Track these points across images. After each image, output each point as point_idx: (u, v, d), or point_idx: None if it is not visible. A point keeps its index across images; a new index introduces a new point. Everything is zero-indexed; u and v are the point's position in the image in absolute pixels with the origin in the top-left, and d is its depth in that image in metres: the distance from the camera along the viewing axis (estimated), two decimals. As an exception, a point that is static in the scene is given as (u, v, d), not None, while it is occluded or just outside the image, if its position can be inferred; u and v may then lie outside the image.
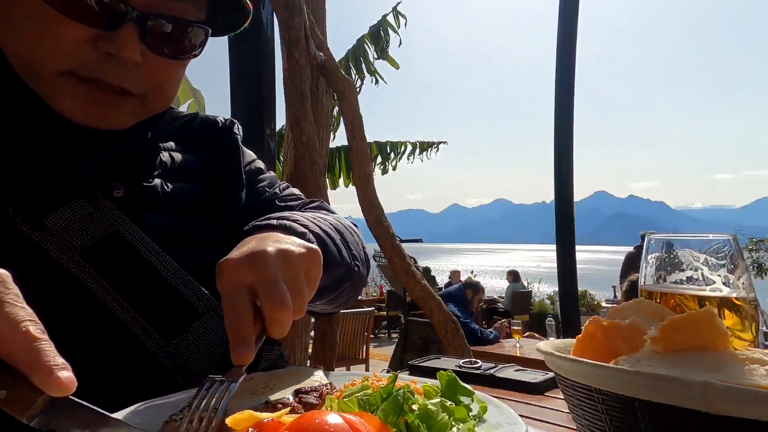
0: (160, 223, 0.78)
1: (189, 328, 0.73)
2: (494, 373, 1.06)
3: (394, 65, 5.91)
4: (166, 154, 0.86)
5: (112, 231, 0.71)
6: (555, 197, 3.86)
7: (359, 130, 3.60)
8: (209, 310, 0.75)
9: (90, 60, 0.66)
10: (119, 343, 0.69)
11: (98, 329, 0.69)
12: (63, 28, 0.64)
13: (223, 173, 0.91)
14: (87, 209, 0.70)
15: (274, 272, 0.55)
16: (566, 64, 3.74)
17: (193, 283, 0.75)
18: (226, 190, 0.90)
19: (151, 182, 0.80)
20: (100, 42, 0.66)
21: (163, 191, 0.81)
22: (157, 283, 0.73)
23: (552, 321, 6.07)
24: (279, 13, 3.31)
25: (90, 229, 0.70)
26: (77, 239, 0.69)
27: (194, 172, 0.88)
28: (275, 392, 0.50)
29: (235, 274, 0.56)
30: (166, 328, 0.71)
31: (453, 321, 3.51)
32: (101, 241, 0.70)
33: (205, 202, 0.86)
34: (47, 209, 0.68)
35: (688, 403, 0.42)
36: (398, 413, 0.42)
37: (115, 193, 0.74)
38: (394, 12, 5.68)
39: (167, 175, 0.84)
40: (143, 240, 0.73)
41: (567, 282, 3.85)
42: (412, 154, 7.53)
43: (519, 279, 11.02)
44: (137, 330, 0.70)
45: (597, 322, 0.58)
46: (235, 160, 0.94)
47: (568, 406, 0.57)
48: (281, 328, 0.53)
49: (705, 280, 0.63)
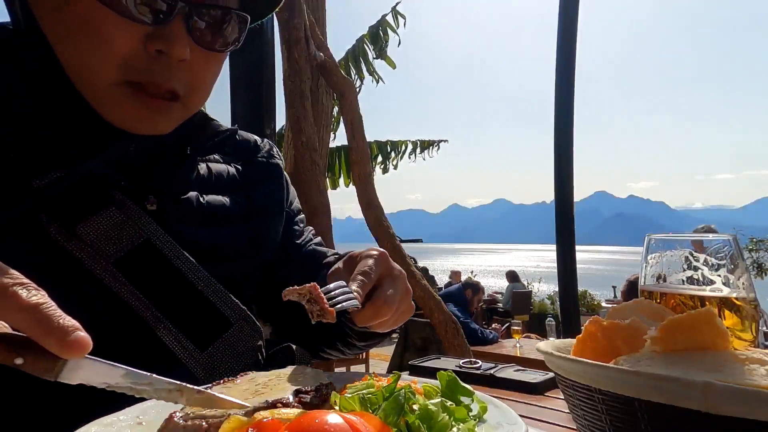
0: (192, 235, 0.78)
1: (221, 337, 0.73)
2: (494, 373, 1.06)
3: (391, 65, 5.91)
4: (203, 165, 0.85)
5: (144, 240, 0.70)
6: (555, 197, 3.86)
7: (359, 130, 3.60)
8: (240, 319, 0.75)
9: (140, 62, 0.66)
10: (152, 353, 0.69)
11: (131, 339, 0.69)
12: (115, 29, 0.64)
13: (262, 193, 0.91)
14: (118, 217, 0.69)
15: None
16: (566, 64, 3.74)
17: (224, 292, 0.75)
18: (263, 209, 0.91)
19: (185, 194, 0.80)
20: (151, 41, 0.66)
21: (198, 203, 0.81)
22: (188, 292, 0.72)
23: (552, 321, 6.06)
24: (279, 13, 3.30)
25: (122, 237, 0.69)
26: (110, 248, 0.68)
27: (231, 184, 0.88)
28: (275, 392, 0.50)
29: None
30: (199, 338, 0.71)
31: (453, 321, 3.51)
32: (133, 250, 0.69)
33: (238, 213, 0.86)
34: (79, 218, 0.67)
35: (688, 403, 0.42)
36: (399, 413, 0.42)
37: (149, 206, 0.74)
38: (394, 12, 5.68)
39: (203, 186, 0.83)
40: (174, 248, 0.72)
41: (567, 282, 3.85)
42: (413, 153, 7.53)
43: (518, 279, 11.01)
44: (170, 340, 0.69)
45: (597, 322, 0.58)
46: (278, 186, 0.95)
47: (568, 406, 0.57)
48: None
49: (705, 280, 0.63)
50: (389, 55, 5.78)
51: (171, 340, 0.69)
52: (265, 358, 0.77)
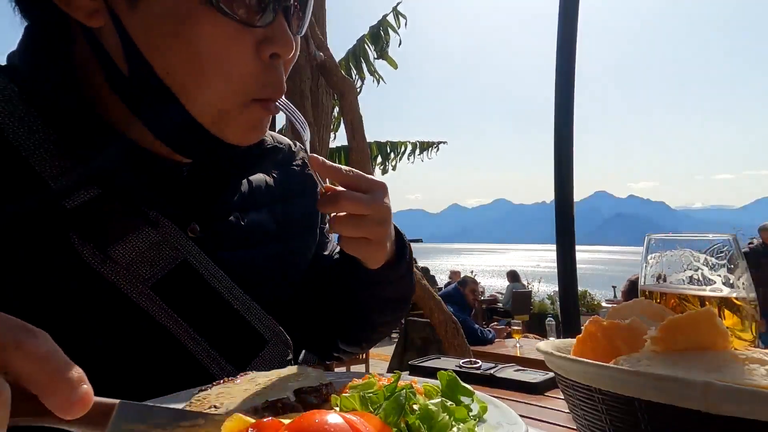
0: (231, 258, 0.75)
1: (258, 356, 0.72)
2: (494, 373, 1.06)
3: (392, 65, 5.91)
4: (243, 181, 0.82)
5: (181, 261, 0.68)
6: (555, 197, 3.86)
7: (359, 130, 3.60)
8: (274, 336, 0.75)
9: (261, 75, 0.63)
10: (190, 374, 0.67)
11: (170, 361, 0.67)
12: (235, 44, 0.60)
13: (297, 206, 0.88)
14: (154, 237, 0.66)
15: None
16: (566, 64, 3.74)
17: (259, 310, 0.74)
18: (298, 224, 0.88)
19: (227, 218, 0.77)
20: (264, 46, 0.62)
21: (238, 225, 0.77)
22: (225, 312, 0.71)
23: (552, 321, 6.06)
24: (279, 13, 3.31)
25: (158, 259, 0.66)
26: (146, 270, 0.65)
27: (269, 196, 0.84)
28: (275, 392, 0.50)
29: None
30: (237, 357, 0.70)
31: (453, 321, 3.52)
32: (171, 272, 0.67)
33: (274, 229, 0.83)
34: (113, 239, 0.64)
35: (688, 403, 0.42)
36: (400, 413, 0.42)
37: (190, 233, 0.71)
38: (395, 12, 5.68)
39: (244, 203, 0.80)
40: (211, 268, 0.70)
41: (567, 282, 3.85)
42: (412, 154, 7.53)
43: (518, 279, 11.01)
44: (208, 362, 0.68)
45: (597, 322, 0.58)
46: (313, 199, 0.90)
47: (568, 406, 0.57)
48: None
49: (705, 280, 0.63)
50: (390, 56, 5.78)
51: (209, 361, 0.68)
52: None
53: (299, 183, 0.91)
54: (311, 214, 0.92)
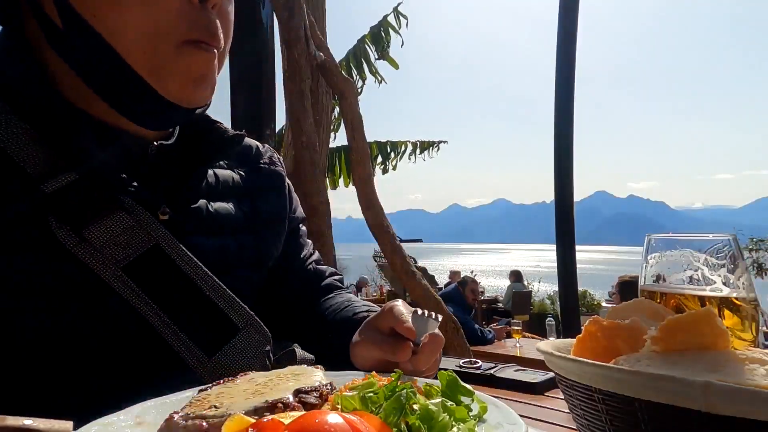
0: (202, 244, 0.77)
1: (229, 343, 0.73)
2: (494, 373, 1.06)
3: (394, 65, 5.91)
4: (210, 172, 0.85)
5: (153, 245, 0.70)
6: (555, 197, 3.86)
7: (359, 130, 3.60)
8: (248, 325, 0.75)
9: (192, 16, 0.67)
10: (161, 358, 0.69)
11: (140, 345, 0.68)
12: None
13: (266, 201, 0.92)
14: (127, 221, 0.69)
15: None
16: (566, 64, 3.74)
17: (232, 298, 0.75)
18: (267, 217, 0.91)
19: (196, 203, 0.80)
20: None
21: (207, 212, 0.81)
22: (197, 298, 0.72)
23: (552, 321, 6.07)
24: (279, 13, 3.31)
25: (131, 242, 0.68)
26: (119, 253, 0.67)
27: (235, 190, 0.88)
28: (275, 392, 0.50)
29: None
30: (207, 343, 0.71)
31: (453, 321, 3.51)
32: (143, 255, 0.69)
33: (244, 221, 0.86)
34: (88, 222, 0.66)
35: (688, 403, 0.42)
36: (400, 413, 0.42)
37: (161, 216, 0.73)
38: (395, 12, 5.68)
39: (211, 193, 0.83)
40: (183, 254, 0.72)
41: (567, 282, 3.85)
42: (413, 154, 7.53)
43: (521, 279, 11.02)
44: (179, 346, 0.69)
45: (597, 322, 0.58)
46: (281, 194, 0.96)
47: (568, 406, 0.57)
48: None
49: (705, 280, 0.63)
50: (391, 56, 5.78)
51: (179, 345, 0.69)
52: (272, 362, 0.77)
53: (266, 180, 0.94)
54: (279, 209, 0.95)
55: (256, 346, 0.75)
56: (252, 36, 3.13)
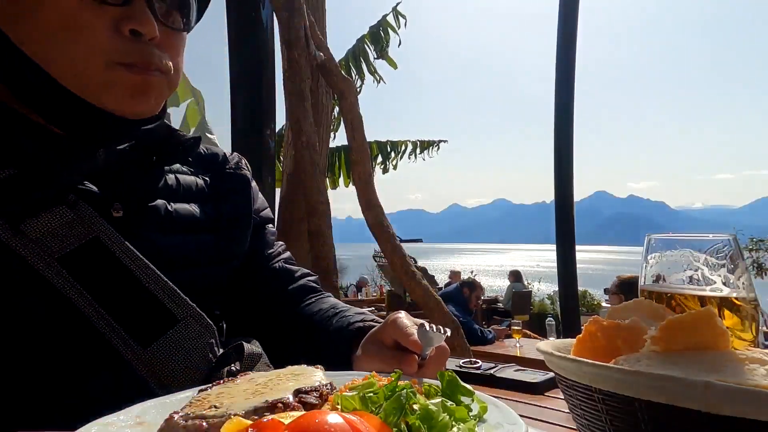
0: (160, 241, 0.79)
1: (165, 335, 0.73)
2: (494, 373, 1.06)
3: (392, 65, 5.91)
4: (171, 176, 0.87)
5: (92, 237, 0.71)
6: (555, 197, 3.86)
7: (359, 130, 3.60)
8: (187, 317, 0.75)
9: (123, 44, 0.69)
10: (94, 350, 0.69)
11: (73, 336, 0.69)
12: (91, 14, 0.67)
13: (230, 204, 0.94)
14: (67, 216, 0.70)
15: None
16: (566, 64, 3.74)
17: (173, 290, 0.75)
18: (231, 219, 0.93)
19: (153, 203, 0.81)
20: (123, 22, 0.68)
21: (166, 211, 0.82)
22: (135, 289, 0.72)
23: (552, 321, 6.07)
24: (279, 13, 3.31)
25: (69, 235, 0.70)
26: (56, 245, 0.68)
27: (198, 194, 0.90)
28: (275, 392, 0.50)
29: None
30: (143, 335, 0.71)
31: (453, 321, 3.51)
32: (80, 248, 0.70)
33: (207, 222, 0.88)
34: (27, 216, 0.68)
35: (688, 403, 0.42)
36: (400, 413, 0.42)
37: (114, 212, 0.75)
38: (394, 12, 5.68)
39: (172, 195, 0.85)
40: (123, 247, 0.73)
41: (567, 282, 3.85)
42: (413, 154, 7.54)
43: (521, 279, 11.02)
44: (113, 337, 0.69)
45: (597, 322, 0.58)
46: (245, 196, 0.97)
47: (568, 406, 0.57)
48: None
49: (705, 280, 0.63)
50: (390, 56, 5.78)
51: (114, 337, 0.69)
52: (217, 356, 0.77)
53: (231, 184, 0.96)
54: (242, 210, 0.96)
55: (196, 338, 0.74)
56: (252, 36, 3.13)
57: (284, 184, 4.14)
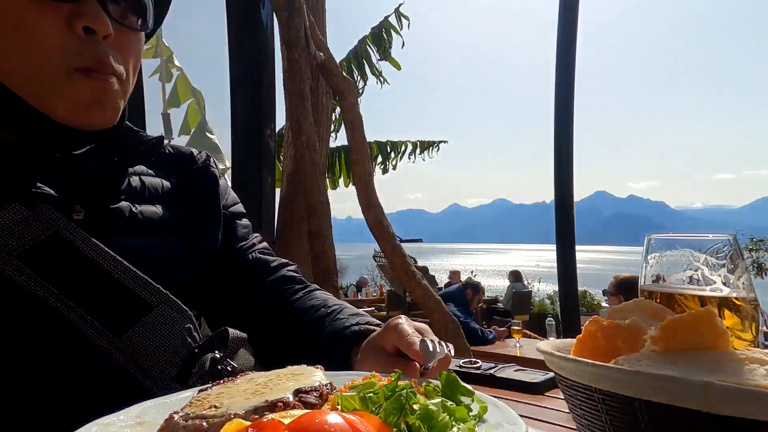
0: (125, 243, 0.78)
1: (140, 321, 0.73)
2: (494, 373, 1.06)
3: (396, 66, 5.90)
4: (136, 179, 0.87)
5: (52, 233, 0.71)
6: (555, 197, 3.86)
7: (359, 130, 3.60)
8: (162, 303, 0.75)
9: (76, 45, 0.68)
10: (68, 342, 0.69)
11: (45, 331, 0.69)
12: (39, 13, 0.66)
13: (198, 203, 0.94)
14: (22, 213, 0.69)
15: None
16: (566, 64, 3.74)
17: (143, 278, 0.75)
18: (199, 219, 0.93)
19: (116, 204, 0.81)
20: (74, 20, 0.68)
21: (131, 213, 0.82)
22: (103, 280, 0.72)
23: (552, 321, 6.07)
24: (279, 13, 3.31)
25: (26, 232, 0.69)
26: (14, 242, 0.68)
27: (165, 196, 0.89)
28: (275, 392, 0.50)
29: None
30: (117, 323, 0.71)
31: (453, 321, 3.51)
32: (41, 243, 0.70)
33: (174, 223, 0.88)
34: None
35: (688, 403, 0.42)
36: (400, 413, 0.42)
37: (75, 215, 0.74)
38: (397, 13, 5.68)
39: (137, 197, 0.85)
40: (86, 240, 0.72)
41: (567, 282, 3.85)
42: (413, 154, 7.53)
43: (521, 279, 11.01)
44: (86, 328, 0.69)
45: (597, 322, 0.58)
46: (214, 194, 0.97)
47: (568, 406, 0.57)
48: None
49: (705, 280, 0.63)
50: (393, 57, 5.77)
51: (86, 328, 0.69)
52: (199, 341, 0.77)
53: (198, 182, 0.96)
54: (211, 208, 0.96)
55: (172, 324, 0.74)
56: (252, 36, 3.13)
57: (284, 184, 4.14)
